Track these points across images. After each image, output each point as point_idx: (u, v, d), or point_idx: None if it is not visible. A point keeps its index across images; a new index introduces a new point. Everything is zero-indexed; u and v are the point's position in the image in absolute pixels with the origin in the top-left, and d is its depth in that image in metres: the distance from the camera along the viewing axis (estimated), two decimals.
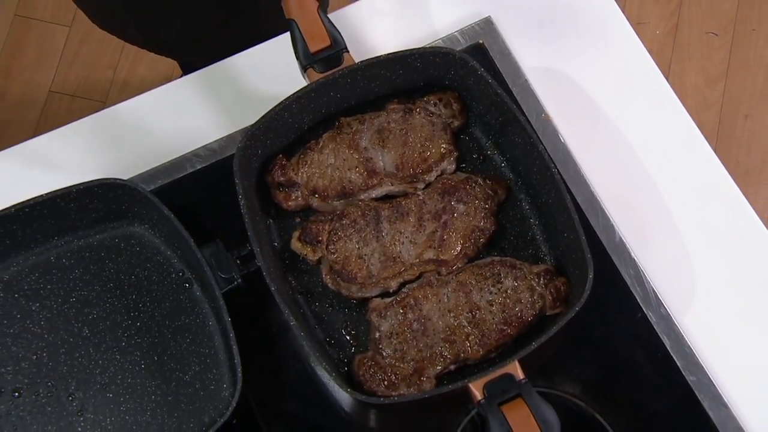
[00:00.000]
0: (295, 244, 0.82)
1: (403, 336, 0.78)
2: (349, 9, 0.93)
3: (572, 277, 0.79)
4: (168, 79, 0.93)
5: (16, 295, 0.80)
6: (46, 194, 0.78)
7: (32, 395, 0.77)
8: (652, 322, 0.83)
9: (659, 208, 0.88)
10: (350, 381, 0.77)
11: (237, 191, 0.77)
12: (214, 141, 0.88)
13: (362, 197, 0.83)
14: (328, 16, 0.83)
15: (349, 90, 0.84)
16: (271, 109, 0.80)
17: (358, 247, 0.80)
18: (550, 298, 0.79)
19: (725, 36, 1.97)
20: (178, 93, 0.91)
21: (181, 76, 0.93)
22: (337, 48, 0.82)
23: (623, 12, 0.95)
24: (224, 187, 0.79)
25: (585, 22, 0.95)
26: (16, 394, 0.77)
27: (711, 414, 0.80)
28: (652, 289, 0.84)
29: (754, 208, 0.88)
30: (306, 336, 0.74)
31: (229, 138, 0.88)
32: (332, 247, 0.80)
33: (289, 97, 0.80)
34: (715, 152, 0.91)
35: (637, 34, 0.94)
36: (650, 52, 0.94)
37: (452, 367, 0.78)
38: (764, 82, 1.94)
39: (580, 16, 0.95)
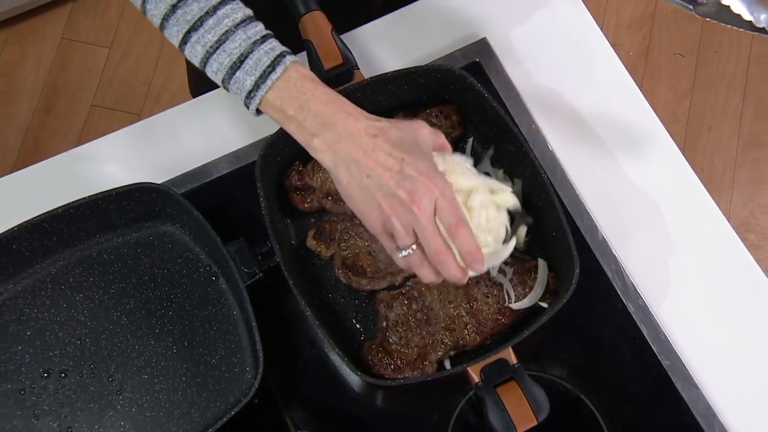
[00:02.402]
0: (311, 242, 0.81)
1: (407, 325, 0.76)
2: (360, 31, 0.92)
3: (560, 272, 0.78)
4: (198, 94, 0.93)
5: (63, 287, 0.80)
6: (88, 197, 0.77)
7: (77, 376, 0.77)
8: (631, 312, 0.82)
9: (637, 210, 0.87)
10: (360, 365, 0.76)
11: (258, 194, 0.76)
12: (238, 149, 0.87)
13: None
14: (341, 36, 0.82)
15: (358, 103, 0.81)
16: None
17: (368, 245, 0.79)
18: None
19: (691, 57, 1.96)
20: (206, 106, 0.90)
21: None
22: (348, 65, 0.81)
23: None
24: (247, 190, 0.78)
25: (570, 43, 0.94)
26: (63, 374, 0.77)
27: (683, 394, 0.79)
28: (631, 282, 0.83)
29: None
30: (320, 324, 0.73)
31: (252, 146, 0.87)
32: (344, 244, 0.79)
33: None
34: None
35: (617, 53, 0.93)
36: None
37: (452, 352, 0.77)
38: (725, 98, 1.93)
39: (566, 38, 0.94)
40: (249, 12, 0.65)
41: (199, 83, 1.08)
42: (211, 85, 0.89)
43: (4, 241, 0.76)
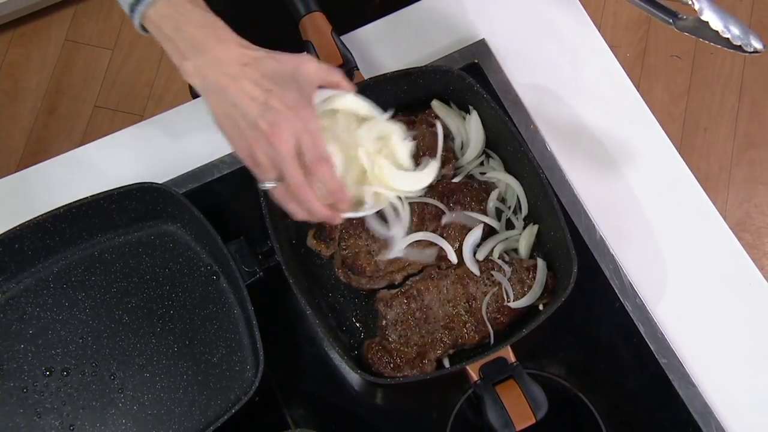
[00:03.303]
0: (311, 242, 0.81)
1: (407, 323, 0.76)
2: (359, 32, 0.92)
3: (558, 271, 0.77)
4: (198, 95, 0.92)
5: (65, 286, 0.79)
6: (91, 196, 0.77)
7: (79, 374, 0.76)
8: (628, 311, 0.81)
9: (635, 210, 0.86)
10: (360, 363, 0.75)
11: (258, 194, 0.75)
12: None
13: None
14: (341, 38, 0.82)
15: None
16: None
17: (367, 244, 0.79)
18: None
19: (687, 59, 1.95)
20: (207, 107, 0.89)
21: None
22: (348, 66, 0.81)
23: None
24: (247, 190, 0.77)
25: (568, 44, 0.93)
26: (65, 373, 0.76)
27: (680, 392, 0.79)
28: (629, 281, 0.82)
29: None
30: (320, 323, 0.73)
31: None
32: (344, 243, 0.79)
33: None
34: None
35: (615, 55, 0.92)
36: None
37: (451, 351, 0.76)
38: (721, 99, 1.93)
39: (564, 39, 0.93)
40: None
41: None
42: None
43: (7, 241, 0.76)
